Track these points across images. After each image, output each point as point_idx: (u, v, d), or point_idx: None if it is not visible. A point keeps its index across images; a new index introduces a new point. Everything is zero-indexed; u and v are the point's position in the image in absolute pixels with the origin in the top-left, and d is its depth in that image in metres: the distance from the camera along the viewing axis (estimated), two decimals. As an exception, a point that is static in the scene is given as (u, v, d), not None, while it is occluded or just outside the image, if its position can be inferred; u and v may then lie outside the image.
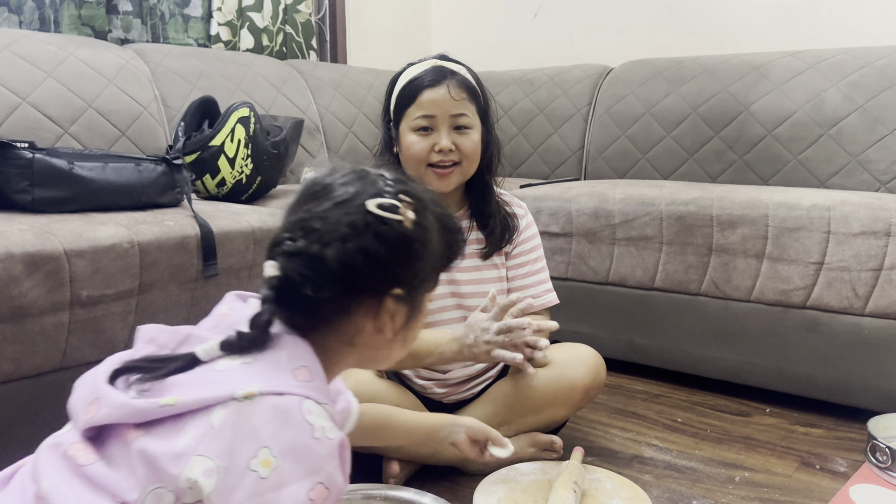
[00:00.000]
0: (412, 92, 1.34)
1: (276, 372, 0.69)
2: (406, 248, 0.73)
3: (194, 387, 0.68)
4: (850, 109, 2.10)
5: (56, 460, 0.69)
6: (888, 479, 1.38)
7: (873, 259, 1.59)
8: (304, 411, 0.66)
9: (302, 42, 2.88)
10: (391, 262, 0.72)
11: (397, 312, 0.75)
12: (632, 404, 1.81)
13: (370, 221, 0.71)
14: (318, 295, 0.70)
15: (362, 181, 0.74)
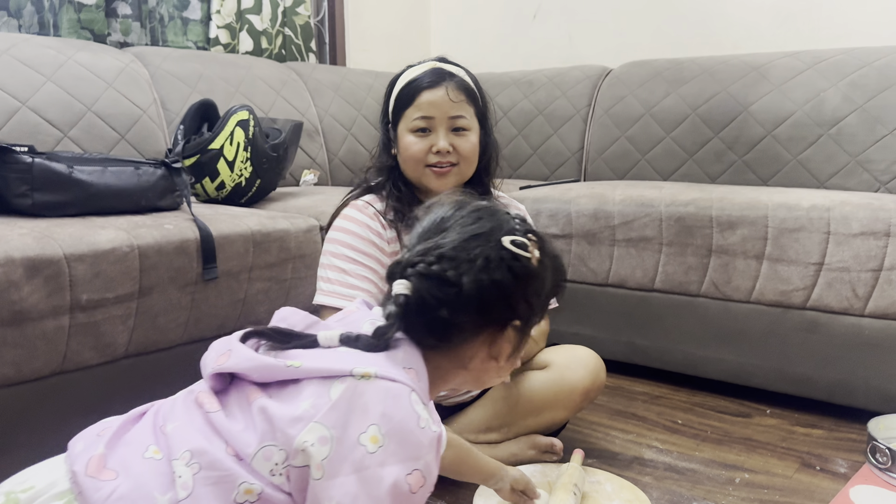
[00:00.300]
0: (411, 93, 1.35)
1: (391, 364, 0.74)
2: (530, 283, 0.80)
3: (316, 359, 0.74)
4: (849, 109, 2.10)
5: (188, 404, 0.76)
6: (888, 479, 1.37)
7: (873, 259, 1.59)
8: (412, 401, 0.72)
9: (301, 44, 2.88)
10: (517, 296, 0.79)
11: (510, 343, 0.81)
12: (632, 406, 1.80)
13: (504, 256, 0.77)
14: (452, 318, 0.76)
15: (494, 217, 0.81)
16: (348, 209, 1.38)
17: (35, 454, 1.23)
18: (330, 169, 2.56)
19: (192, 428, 0.73)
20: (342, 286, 1.31)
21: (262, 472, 0.70)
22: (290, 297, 1.64)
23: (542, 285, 0.82)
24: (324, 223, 1.74)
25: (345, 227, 1.35)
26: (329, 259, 1.34)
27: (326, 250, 1.36)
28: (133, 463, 0.71)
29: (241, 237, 1.52)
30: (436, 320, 0.77)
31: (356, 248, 1.33)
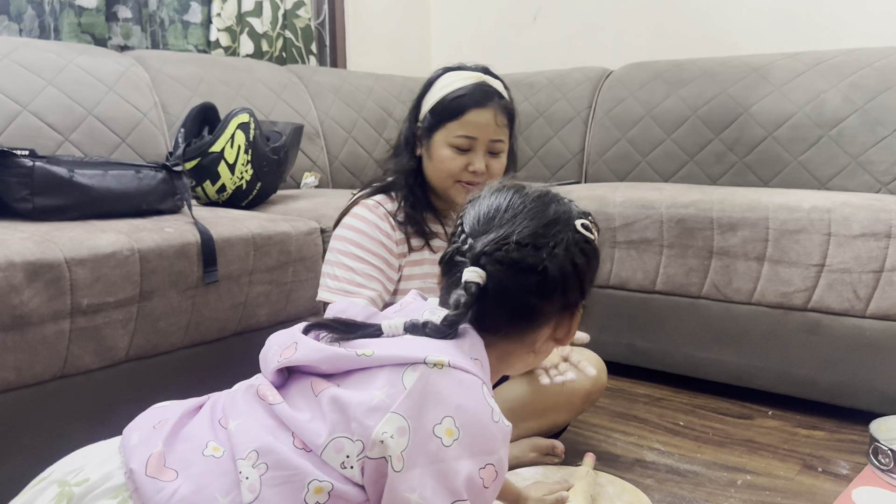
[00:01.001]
0: (457, 108, 1.31)
1: (460, 353, 0.73)
2: (596, 264, 0.83)
3: (387, 347, 0.72)
4: (850, 111, 2.10)
5: (248, 398, 0.75)
6: (890, 481, 1.37)
7: (874, 261, 1.59)
8: (484, 393, 0.71)
9: (301, 47, 2.88)
10: (588, 277, 0.81)
11: (576, 322, 0.83)
12: (633, 408, 1.80)
13: (578, 239, 0.79)
14: (537, 305, 0.78)
15: (561, 202, 0.83)
16: (359, 208, 1.36)
17: (36, 458, 1.23)
18: (331, 171, 2.56)
19: (257, 423, 0.71)
20: (349, 284, 1.30)
21: (333, 465, 0.68)
22: (291, 301, 1.64)
23: (598, 264, 0.84)
24: (325, 226, 1.74)
25: (355, 225, 1.34)
26: (337, 256, 1.33)
27: (334, 247, 1.34)
28: (193, 461, 0.69)
29: (241, 240, 1.52)
30: (519, 307, 0.77)
31: (365, 247, 1.32)
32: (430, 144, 1.35)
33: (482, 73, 1.37)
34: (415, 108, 1.40)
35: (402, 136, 1.41)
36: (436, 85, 1.36)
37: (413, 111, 1.40)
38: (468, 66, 1.39)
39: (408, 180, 1.38)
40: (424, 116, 1.36)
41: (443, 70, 1.39)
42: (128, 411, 0.83)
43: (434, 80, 1.38)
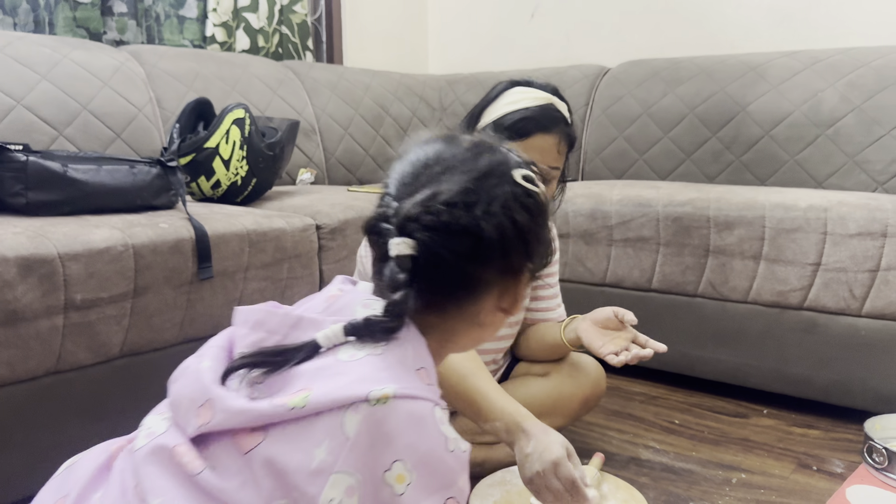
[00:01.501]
0: (523, 128, 1.25)
1: (404, 372, 0.64)
2: (542, 220, 0.72)
3: (321, 381, 0.62)
4: (847, 110, 2.10)
5: (164, 470, 0.63)
6: (884, 479, 1.37)
7: (870, 260, 1.59)
8: (437, 420, 0.63)
9: (298, 43, 2.87)
10: (533, 236, 0.70)
11: (523, 288, 0.74)
12: (629, 406, 1.80)
13: (518, 193, 0.69)
14: (474, 272, 0.68)
15: (496, 151, 0.71)
16: None
17: (29, 455, 1.23)
18: (327, 168, 2.55)
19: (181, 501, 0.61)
20: None
21: None
22: (286, 297, 1.64)
23: (547, 221, 0.74)
24: (321, 222, 1.74)
25: None
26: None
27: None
28: None
29: (236, 236, 1.52)
30: (455, 278, 0.68)
31: None
32: None
33: (551, 94, 1.31)
34: (472, 117, 1.33)
35: None
36: (502, 98, 1.30)
37: (471, 118, 1.33)
38: (537, 84, 1.32)
39: None
40: (485, 129, 1.29)
41: (510, 83, 1.32)
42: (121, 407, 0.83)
43: (501, 92, 1.31)
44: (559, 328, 1.43)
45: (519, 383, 1.48)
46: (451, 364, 1.13)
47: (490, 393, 1.14)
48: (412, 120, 2.86)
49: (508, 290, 0.72)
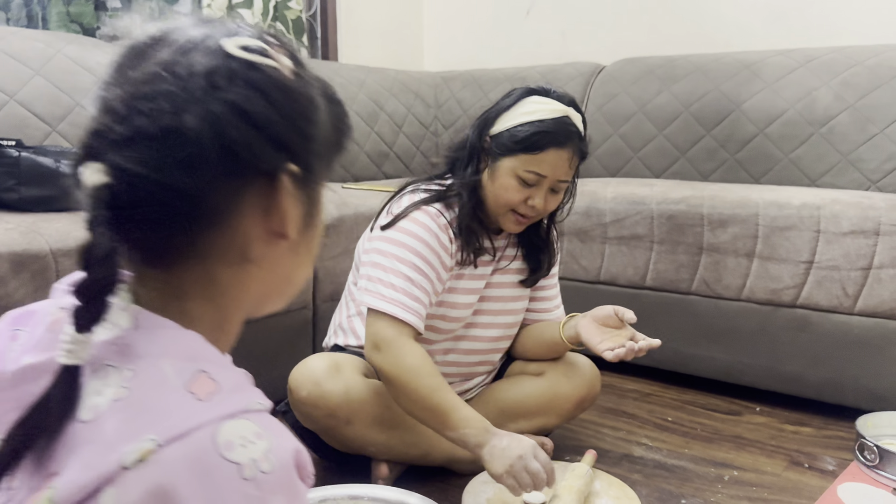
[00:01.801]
0: (537, 142, 1.25)
1: (165, 398, 0.47)
2: (293, 104, 0.52)
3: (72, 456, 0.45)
4: (840, 108, 2.11)
5: None
6: (876, 477, 1.38)
7: (863, 258, 1.59)
8: (221, 448, 0.45)
9: (292, 39, 2.86)
10: (277, 123, 0.51)
11: (294, 203, 0.53)
12: (623, 403, 1.81)
13: (235, 68, 0.50)
14: (192, 187, 0.48)
15: (209, 24, 0.53)
16: (421, 214, 1.29)
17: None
18: (321, 165, 2.55)
19: None
20: (406, 295, 1.24)
21: None
22: (280, 294, 1.64)
23: (315, 111, 0.54)
24: (314, 219, 1.73)
25: (417, 233, 1.27)
26: (394, 263, 1.25)
27: (390, 252, 1.26)
28: None
29: (230, 233, 1.51)
30: (177, 204, 0.48)
31: (425, 258, 1.27)
32: (497, 167, 1.28)
33: (568, 105, 1.29)
34: (487, 120, 1.31)
35: (469, 145, 1.33)
36: (519, 107, 1.29)
37: (484, 122, 1.32)
38: (555, 93, 1.30)
39: (470, 196, 1.31)
40: (498, 135, 1.29)
41: (528, 90, 1.30)
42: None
43: (518, 100, 1.30)
44: (558, 326, 1.43)
45: (514, 382, 1.49)
46: (418, 381, 1.19)
47: (457, 405, 1.19)
48: (407, 117, 2.85)
49: (273, 207, 0.52)
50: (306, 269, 0.60)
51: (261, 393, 0.51)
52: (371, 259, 1.28)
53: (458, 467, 1.38)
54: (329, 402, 1.25)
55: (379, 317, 1.23)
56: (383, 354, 1.22)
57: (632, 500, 1.26)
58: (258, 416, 0.49)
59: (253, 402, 0.49)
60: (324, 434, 1.32)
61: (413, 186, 1.36)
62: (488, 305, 1.42)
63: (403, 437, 1.33)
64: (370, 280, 1.26)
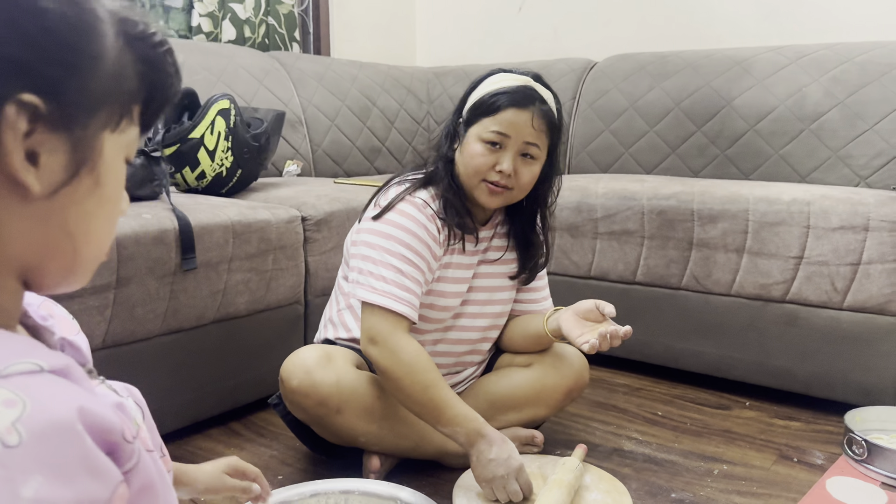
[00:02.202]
0: (496, 104, 1.28)
1: None
2: (43, 26, 0.43)
3: None
4: (830, 105, 2.12)
5: None
6: (864, 471, 1.39)
7: (852, 253, 1.60)
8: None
9: (284, 34, 2.86)
10: (10, 45, 0.42)
11: (44, 146, 0.44)
12: (612, 398, 1.81)
13: None
14: None
15: None
16: (407, 206, 1.30)
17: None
18: (313, 160, 2.55)
19: None
20: (397, 287, 1.24)
21: None
22: (271, 289, 1.63)
23: (89, 38, 0.46)
24: (306, 214, 1.73)
25: (404, 224, 1.28)
26: (383, 255, 1.26)
27: (379, 244, 1.27)
28: None
29: (220, 227, 1.51)
30: None
31: (414, 249, 1.27)
32: (466, 138, 1.32)
33: (532, 78, 1.34)
34: (459, 104, 1.37)
35: (445, 130, 1.38)
36: (483, 83, 1.34)
37: (458, 106, 1.37)
38: (520, 71, 1.36)
39: (447, 169, 1.34)
40: (466, 111, 1.34)
41: (495, 70, 1.36)
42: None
43: (483, 78, 1.35)
44: (542, 319, 1.43)
45: (502, 374, 1.49)
46: (412, 376, 1.21)
47: (451, 402, 1.22)
48: (399, 112, 2.85)
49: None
50: (84, 243, 0.50)
51: (42, 353, 0.43)
52: (360, 252, 1.29)
53: (448, 461, 1.38)
54: (320, 391, 1.25)
55: (373, 310, 1.24)
56: (379, 348, 1.23)
57: (622, 494, 1.26)
58: (17, 378, 0.39)
59: (12, 364, 0.40)
60: (314, 424, 1.31)
61: (399, 178, 1.37)
62: (476, 296, 1.42)
63: (394, 427, 1.33)
64: (361, 273, 1.27)
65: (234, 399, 1.63)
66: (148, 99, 0.52)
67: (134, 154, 0.54)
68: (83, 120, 0.47)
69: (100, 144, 0.49)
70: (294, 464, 1.45)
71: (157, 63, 0.53)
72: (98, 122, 0.48)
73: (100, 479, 0.41)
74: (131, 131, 0.52)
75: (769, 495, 1.33)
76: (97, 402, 0.43)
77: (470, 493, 1.24)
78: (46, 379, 0.41)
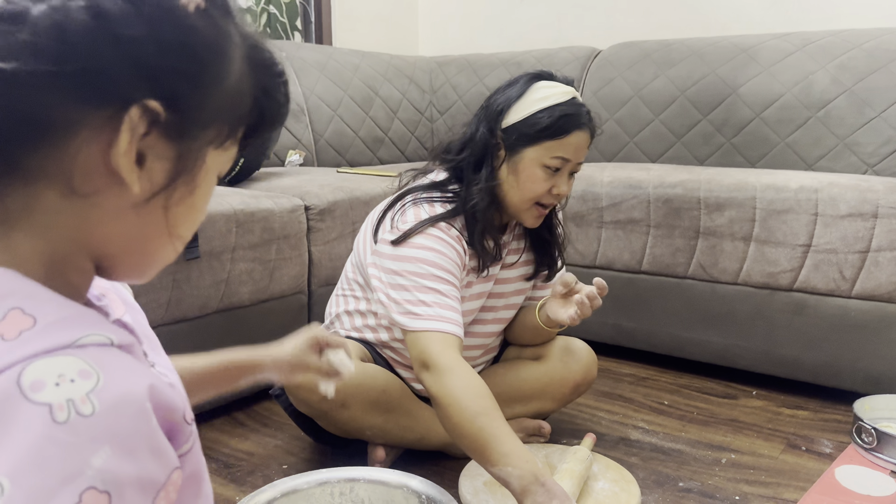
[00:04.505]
0: (563, 126, 1.21)
1: None
2: (177, 33, 0.45)
3: None
4: (837, 92, 2.10)
5: None
6: (873, 459, 1.38)
7: (860, 241, 1.59)
8: (26, 389, 0.39)
9: (286, 23, 2.84)
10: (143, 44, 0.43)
11: (153, 151, 0.45)
12: (619, 387, 1.80)
13: None
14: (25, 89, 0.41)
15: None
16: (434, 230, 1.22)
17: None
18: (316, 150, 2.53)
19: None
20: (441, 308, 1.17)
21: None
22: (275, 278, 1.62)
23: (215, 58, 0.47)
24: (309, 203, 1.72)
25: (433, 246, 1.21)
26: (416, 281, 1.19)
27: (408, 271, 1.20)
28: None
29: (223, 216, 1.50)
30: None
31: (445, 268, 1.21)
32: (519, 160, 1.23)
33: (568, 83, 1.27)
34: (496, 113, 1.24)
35: (480, 142, 1.25)
36: (529, 95, 1.24)
37: (495, 114, 1.25)
38: (558, 78, 1.27)
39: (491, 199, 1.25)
40: (513, 126, 1.23)
41: (532, 77, 1.26)
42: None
43: (526, 86, 1.25)
44: (534, 310, 1.42)
45: (510, 367, 1.48)
46: (461, 402, 1.08)
47: (505, 436, 1.04)
48: (402, 101, 2.83)
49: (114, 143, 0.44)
50: (162, 245, 0.51)
51: (110, 328, 0.44)
52: (391, 281, 1.22)
53: (454, 451, 1.37)
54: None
55: (419, 336, 1.16)
56: (430, 372, 1.13)
57: (629, 482, 1.25)
58: (92, 350, 0.41)
59: (87, 336, 0.42)
60: (319, 418, 1.30)
61: (413, 196, 1.28)
62: (493, 302, 1.40)
63: (399, 420, 1.32)
64: (398, 304, 1.20)
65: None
66: (255, 123, 0.54)
67: (226, 171, 0.55)
68: (195, 133, 0.48)
69: (203, 158, 0.50)
70: (299, 453, 1.44)
71: (273, 91, 0.54)
72: (207, 137, 0.49)
73: (160, 460, 0.43)
74: (232, 150, 0.53)
75: (777, 484, 1.32)
76: (162, 381, 0.44)
77: (476, 482, 1.23)
78: (116, 354, 0.43)
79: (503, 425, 1.05)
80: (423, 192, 1.28)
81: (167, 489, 0.43)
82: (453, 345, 1.15)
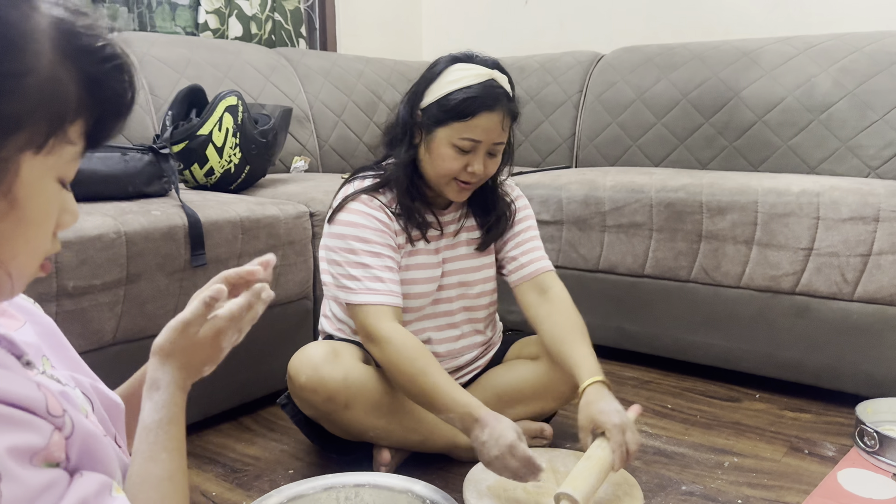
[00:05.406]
0: (468, 109, 1.25)
1: None
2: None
3: None
4: (840, 95, 2.10)
5: None
6: (876, 463, 1.38)
7: (862, 244, 1.59)
8: None
9: (291, 30, 2.86)
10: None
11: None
12: (622, 391, 1.81)
13: None
14: None
15: None
16: (354, 203, 1.30)
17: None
18: (320, 155, 2.55)
19: None
20: (370, 280, 1.26)
21: None
22: (280, 284, 1.64)
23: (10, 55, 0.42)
24: (315, 210, 1.73)
25: (354, 220, 1.29)
26: (345, 256, 1.28)
27: (337, 247, 1.29)
28: None
29: (229, 223, 1.51)
30: None
31: (372, 240, 1.28)
32: (432, 139, 1.29)
33: (493, 68, 1.31)
34: (416, 94, 1.32)
35: (400, 122, 1.33)
36: (444, 76, 1.29)
37: (414, 96, 1.32)
38: (478, 59, 1.32)
39: (407, 172, 1.32)
40: (428, 107, 1.29)
41: (451, 59, 1.32)
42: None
43: (442, 70, 1.31)
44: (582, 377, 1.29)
45: (510, 367, 1.49)
46: (399, 367, 1.21)
47: (442, 387, 1.19)
48: (406, 107, 2.84)
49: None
50: (8, 257, 0.47)
51: None
52: (327, 256, 1.32)
53: (458, 454, 1.38)
54: (328, 386, 1.26)
55: (357, 310, 1.27)
56: (373, 343, 1.25)
57: (632, 486, 1.26)
58: None
59: None
60: (323, 420, 1.32)
61: (353, 176, 1.38)
62: (448, 279, 1.42)
63: (402, 421, 1.34)
64: (335, 278, 1.30)
65: (244, 394, 1.64)
66: (96, 115, 0.48)
67: (73, 174, 0.50)
68: (14, 138, 0.43)
69: (16, 167, 0.44)
70: (304, 458, 1.45)
71: (103, 78, 0.48)
72: (15, 144, 0.44)
73: (25, 429, 0.46)
74: (66, 151, 0.47)
75: (780, 487, 1.33)
76: (16, 382, 0.47)
77: (480, 486, 1.25)
78: None
79: (442, 378, 1.20)
80: (368, 170, 1.38)
81: (49, 449, 0.47)
82: (387, 314, 1.25)
